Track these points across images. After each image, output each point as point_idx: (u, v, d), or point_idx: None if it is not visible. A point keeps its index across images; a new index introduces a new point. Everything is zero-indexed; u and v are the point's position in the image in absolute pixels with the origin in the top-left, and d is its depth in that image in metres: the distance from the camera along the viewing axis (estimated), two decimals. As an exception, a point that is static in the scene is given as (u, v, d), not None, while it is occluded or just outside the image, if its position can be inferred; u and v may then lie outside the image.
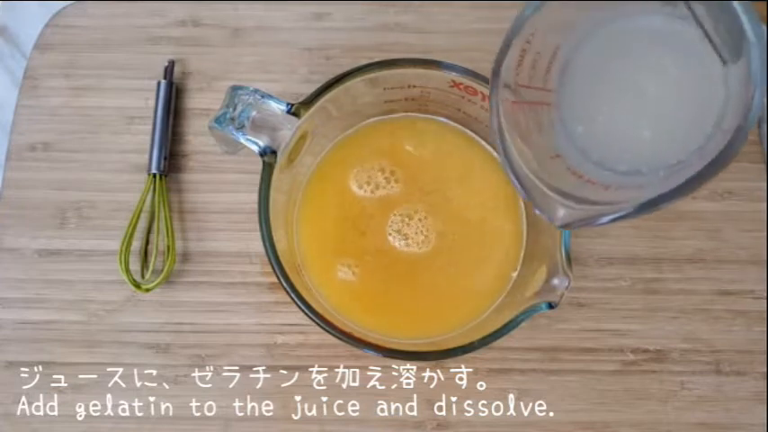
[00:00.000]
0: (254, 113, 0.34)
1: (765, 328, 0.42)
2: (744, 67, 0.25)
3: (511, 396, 0.41)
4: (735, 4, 0.25)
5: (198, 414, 0.40)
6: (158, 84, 0.44)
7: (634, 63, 0.30)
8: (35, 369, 0.41)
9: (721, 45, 0.27)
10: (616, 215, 0.27)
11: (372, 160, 0.41)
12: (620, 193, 0.29)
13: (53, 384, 0.40)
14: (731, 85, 0.27)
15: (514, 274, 0.39)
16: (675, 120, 0.29)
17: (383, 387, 0.41)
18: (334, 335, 0.34)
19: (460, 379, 0.41)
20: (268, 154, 0.35)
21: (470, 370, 0.41)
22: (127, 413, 0.40)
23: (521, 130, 0.31)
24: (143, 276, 0.41)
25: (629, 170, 0.30)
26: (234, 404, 0.40)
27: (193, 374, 0.41)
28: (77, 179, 0.44)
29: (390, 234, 0.40)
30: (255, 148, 0.35)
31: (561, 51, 0.31)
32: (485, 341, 0.33)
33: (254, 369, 0.41)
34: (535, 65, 0.31)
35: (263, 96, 0.35)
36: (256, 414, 0.40)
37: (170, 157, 0.44)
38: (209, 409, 0.40)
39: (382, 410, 0.40)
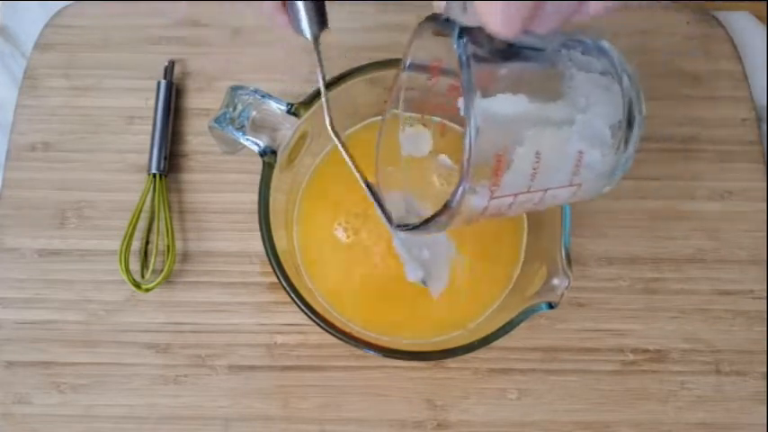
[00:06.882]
0: (253, 113, 0.34)
1: (765, 328, 0.42)
2: None
3: (511, 396, 0.41)
4: None
5: (198, 414, 0.40)
6: (158, 84, 0.44)
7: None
8: (35, 369, 0.41)
9: None
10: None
11: (373, 160, 0.40)
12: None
13: (53, 384, 0.40)
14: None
15: (514, 275, 0.39)
16: None
17: (383, 387, 0.41)
18: (334, 335, 0.34)
19: (460, 379, 0.41)
20: (268, 154, 0.35)
21: (470, 370, 0.41)
22: (127, 413, 0.40)
23: None
24: (143, 276, 0.41)
25: None
26: (234, 404, 0.40)
27: (193, 374, 0.41)
28: (77, 179, 0.44)
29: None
30: (255, 148, 0.35)
31: None
32: (485, 341, 0.33)
33: (254, 369, 0.41)
34: None
35: (262, 96, 0.35)
36: (256, 414, 0.40)
37: (170, 157, 0.44)
38: (209, 409, 0.40)
39: (382, 410, 0.40)
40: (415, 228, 0.29)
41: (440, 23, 0.26)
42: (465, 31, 0.24)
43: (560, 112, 0.26)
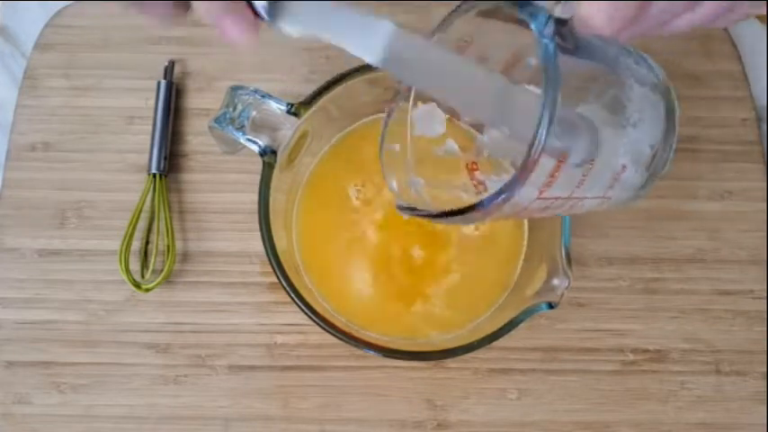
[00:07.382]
0: (254, 113, 0.34)
1: (765, 328, 0.42)
2: None
3: (511, 396, 0.41)
4: None
5: (198, 414, 0.40)
6: (158, 84, 0.44)
7: None
8: (35, 369, 0.41)
9: None
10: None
11: (372, 160, 0.40)
12: None
13: (53, 384, 0.40)
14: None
15: (515, 275, 0.39)
16: None
17: (383, 387, 0.41)
18: (334, 335, 0.34)
19: (460, 379, 0.41)
20: (268, 154, 0.35)
21: (470, 370, 0.41)
22: (127, 413, 0.40)
23: None
24: (143, 276, 0.41)
25: None
26: (234, 404, 0.40)
27: (193, 374, 0.41)
28: (77, 179, 0.44)
29: (391, 233, 0.40)
30: (255, 148, 0.35)
31: None
32: (485, 341, 0.33)
33: (254, 369, 0.41)
34: None
35: (263, 96, 0.35)
36: (256, 414, 0.40)
37: (170, 157, 0.44)
38: (209, 409, 0.40)
39: (382, 410, 0.40)
40: (433, 216, 0.28)
41: (515, 6, 0.24)
42: (549, 22, 0.23)
43: (617, 121, 0.25)
